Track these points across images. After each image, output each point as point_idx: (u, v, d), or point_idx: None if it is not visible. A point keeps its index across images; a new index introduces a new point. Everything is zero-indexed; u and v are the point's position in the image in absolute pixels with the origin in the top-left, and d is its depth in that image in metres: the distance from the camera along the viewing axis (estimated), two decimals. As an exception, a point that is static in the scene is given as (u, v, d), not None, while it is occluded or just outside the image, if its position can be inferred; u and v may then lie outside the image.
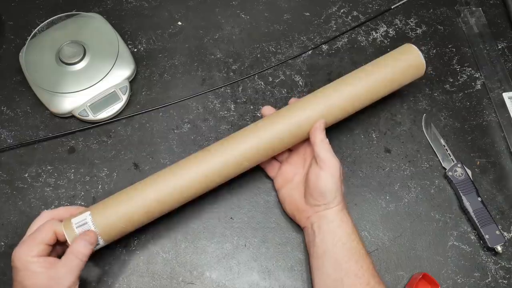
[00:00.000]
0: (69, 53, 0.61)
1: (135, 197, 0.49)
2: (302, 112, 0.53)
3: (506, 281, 0.54)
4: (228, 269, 0.54)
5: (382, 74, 0.56)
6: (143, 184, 0.50)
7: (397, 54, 0.58)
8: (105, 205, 0.49)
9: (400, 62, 0.57)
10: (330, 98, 0.54)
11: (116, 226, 0.48)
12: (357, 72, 0.56)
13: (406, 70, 0.57)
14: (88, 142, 0.60)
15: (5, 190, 0.57)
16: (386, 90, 0.57)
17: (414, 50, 0.57)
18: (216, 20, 0.70)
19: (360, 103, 0.56)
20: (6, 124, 0.61)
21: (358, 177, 0.60)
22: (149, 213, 0.49)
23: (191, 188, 0.50)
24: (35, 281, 0.43)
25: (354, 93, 0.54)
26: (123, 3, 0.70)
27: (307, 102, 0.54)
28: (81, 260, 0.45)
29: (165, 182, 0.50)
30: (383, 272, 0.54)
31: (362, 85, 0.55)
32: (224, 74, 0.66)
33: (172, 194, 0.50)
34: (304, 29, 0.69)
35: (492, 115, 0.64)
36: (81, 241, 0.46)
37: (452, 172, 0.59)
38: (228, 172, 0.52)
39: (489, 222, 0.56)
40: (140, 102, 0.63)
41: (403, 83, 0.58)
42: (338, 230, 0.50)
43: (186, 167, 0.51)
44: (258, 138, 0.52)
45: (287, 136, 0.53)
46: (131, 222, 0.49)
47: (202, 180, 0.51)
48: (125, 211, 0.48)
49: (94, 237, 0.47)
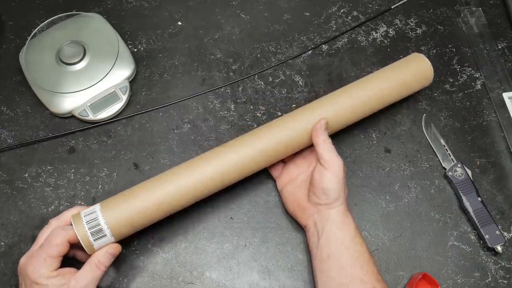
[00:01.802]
0: (69, 53, 0.61)
1: (147, 192, 0.49)
2: (311, 115, 0.53)
3: (506, 281, 0.54)
4: (228, 269, 0.54)
5: (392, 82, 0.57)
6: (154, 180, 0.50)
7: (407, 63, 0.59)
8: (115, 200, 0.48)
9: (411, 76, 0.58)
10: (339, 103, 0.55)
11: (126, 220, 0.47)
12: (368, 79, 0.57)
13: (416, 82, 0.58)
14: (88, 142, 0.60)
15: (5, 190, 0.57)
16: (393, 100, 0.58)
17: (424, 60, 0.58)
18: (216, 20, 0.70)
19: (364, 112, 0.56)
20: (6, 124, 0.61)
21: (358, 177, 0.60)
22: (160, 209, 0.49)
23: (205, 186, 0.50)
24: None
25: (360, 101, 0.55)
26: (123, 3, 0.70)
27: (317, 105, 0.55)
28: (101, 271, 0.46)
29: (177, 179, 0.50)
30: (383, 272, 0.54)
31: (370, 94, 0.55)
32: (224, 74, 0.66)
33: (184, 190, 0.49)
34: (304, 29, 0.69)
35: (492, 115, 0.64)
36: (104, 252, 0.46)
37: (452, 172, 0.59)
38: (242, 172, 0.52)
39: (489, 222, 0.56)
40: (140, 102, 0.63)
41: (409, 93, 0.59)
42: (341, 232, 0.50)
43: (193, 166, 0.51)
44: (269, 140, 0.52)
45: (296, 141, 0.53)
46: (142, 217, 0.48)
47: (216, 177, 0.50)
48: (136, 205, 0.48)
49: (117, 249, 0.47)
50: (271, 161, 0.53)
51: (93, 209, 0.47)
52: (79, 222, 0.46)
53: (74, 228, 0.46)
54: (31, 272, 0.44)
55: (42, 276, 0.44)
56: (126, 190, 0.50)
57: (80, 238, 0.46)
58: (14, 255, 0.54)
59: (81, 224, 0.46)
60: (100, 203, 0.48)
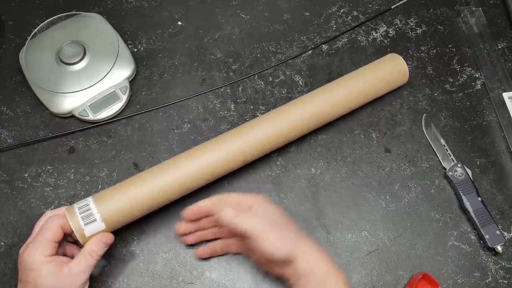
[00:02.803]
0: (69, 53, 0.61)
1: (136, 181, 0.51)
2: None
3: (506, 281, 0.54)
4: (228, 269, 0.54)
5: (369, 77, 0.61)
6: (145, 172, 0.52)
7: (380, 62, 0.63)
8: (108, 191, 0.50)
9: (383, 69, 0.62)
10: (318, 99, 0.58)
11: (116, 207, 0.49)
12: (346, 77, 0.61)
13: (389, 74, 0.62)
14: (88, 142, 0.60)
15: (5, 190, 0.57)
16: (371, 93, 0.61)
17: (397, 57, 0.62)
18: (216, 20, 0.70)
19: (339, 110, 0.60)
20: (6, 124, 0.61)
21: (358, 177, 0.60)
22: (150, 197, 0.50)
23: (196, 177, 0.52)
24: (49, 280, 0.44)
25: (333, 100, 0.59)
26: (123, 3, 0.70)
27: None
28: (94, 259, 0.46)
29: (169, 171, 0.52)
30: (383, 272, 0.54)
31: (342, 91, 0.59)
32: (224, 74, 0.66)
33: (175, 181, 0.51)
34: (304, 29, 0.69)
35: (492, 115, 0.64)
36: (96, 241, 0.47)
37: (452, 172, 0.59)
38: (230, 164, 0.54)
39: (489, 222, 0.56)
40: (140, 102, 0.63)
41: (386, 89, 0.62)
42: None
43: (185, 159, 0.53)
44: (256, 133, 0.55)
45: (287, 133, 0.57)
46: (132, 204, 0.50)
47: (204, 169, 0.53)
48: (126, 194, 0.50)
49: (110, 238, 0.48)
50: (258, 154, 0.56)
51: (85, 199, 0.49)
52: (71, 210, 0.48)
53: (66, 214, 0.47)
54: (26, 258, 0.44)
55: (37, 261, 0.44)
56: (119, 183, 0.51)
57: (71, 222, 0.47)
58: (14, 255, 0.54)
59: (73, 211, 0.48)
60: (93, 195, 0.50)
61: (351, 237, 0.56)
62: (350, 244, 0.56)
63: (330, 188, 0.59)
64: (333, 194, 0.58)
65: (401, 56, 0.62)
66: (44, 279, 0.44)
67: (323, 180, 0.59)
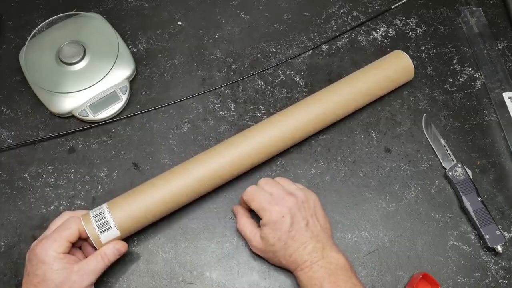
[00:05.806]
0: (69, 53, 0.61)
1: (148, 188, 0.52)
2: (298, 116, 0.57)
3: (506, 281, 0.54)
4: (228, 269, 0.54)
5: (374, 76, 0.61)
6: (155, 178, 0.53)
7: (386, 59, 0.63)
8: (122, 198, 0.51)
9: (389, 65, 0.62)
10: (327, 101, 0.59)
11: (130, 214, 0.50)
12: (352, 76, 0.61)
13: (393, 72, 0.62)
14: (88, 142, 0.60)
15: (5, 190, 0.57)
16: (377, 90, 0.61)
17: (403, 55, 0.62)
18: (216, 20, 0.70)
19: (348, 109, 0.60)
20: (6, 124, 0.61)
21: (358, 177, 0.60)
22: (163, 204, 0.52)
23: (203, 182, 0.53)
24: (59, 275, 0.45)
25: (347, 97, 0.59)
26: (123, 3, 0.70)
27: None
28: (105, 263, 0.48)
29: (181, 176, 0.53)
30: (383, 272, 0.54)
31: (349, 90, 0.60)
32: (224, 74, 0.66)
33: (187, 186, 0.52)
34: (304, 29, 0.69)
35: (492, 115, 0.64)
36: (111, 247, 0.49)
37: (452, 172, 0.59)
38: (239, 168, 0.55)
39: (489, 222, 0.56)
40: (140, 102, 0.63)
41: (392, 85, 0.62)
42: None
43: (195, 164, 0.54)
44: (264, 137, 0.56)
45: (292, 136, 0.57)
46: (145, 211, 0.51)
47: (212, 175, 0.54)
48: (139, 201, 0.51)
49: (124, 247, 0.50)
50: (265, 157, 0.57)
51: (100, 207, 0.51)
52: (87, 218, 0.49)
53: (82, 222, 0.49)
54: (40, 251, 0.46)
55: (50, 255, 0.45)
56: (130, 190, 0.52)
57: (87, 230, 0.48)
58: (14, 255, 0.54)
59: (89, 218, 0.49)
60: (107, 203, 0.51)
61: (351, 237, 0.56)
62: (350, 244, 0.56)
63: (330, 188, 0.59)
64: (333, 194, 0.58)
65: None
66: (54, 273, 0.45)
67: (323, 180, 0.59)
